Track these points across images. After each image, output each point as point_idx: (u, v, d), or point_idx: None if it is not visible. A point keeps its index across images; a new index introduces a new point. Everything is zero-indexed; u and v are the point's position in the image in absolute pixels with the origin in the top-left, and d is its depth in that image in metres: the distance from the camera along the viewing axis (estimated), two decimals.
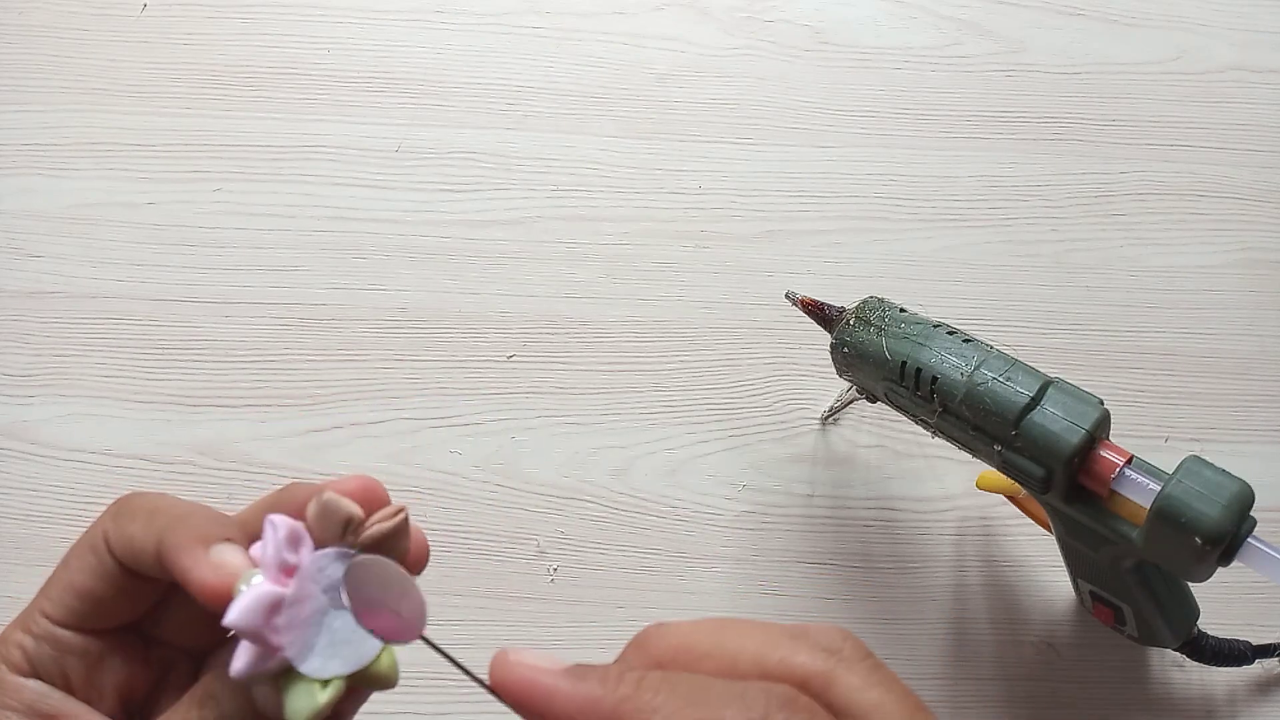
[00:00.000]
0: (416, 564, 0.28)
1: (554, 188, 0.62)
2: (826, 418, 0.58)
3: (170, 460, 0.56)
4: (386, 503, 0.27)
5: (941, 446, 0.56)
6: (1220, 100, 0.66)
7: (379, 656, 0.26)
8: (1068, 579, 0.51)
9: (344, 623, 0.26)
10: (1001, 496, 0.52)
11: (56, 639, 0.28)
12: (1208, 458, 0.42)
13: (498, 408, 0.57)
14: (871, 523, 0.56)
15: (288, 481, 0.56)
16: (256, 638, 0.25)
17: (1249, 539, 0.41)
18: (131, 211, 0.60)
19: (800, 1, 0.66)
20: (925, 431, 0.49)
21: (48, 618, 0.28)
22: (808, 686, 0.23)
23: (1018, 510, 0.52)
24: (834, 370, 0.52)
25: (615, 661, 0.25)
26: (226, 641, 0.27)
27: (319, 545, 0.26)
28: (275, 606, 0.25)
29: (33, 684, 0.27)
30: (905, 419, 0.50)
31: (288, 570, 0.26)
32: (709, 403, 0.58)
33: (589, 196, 0.62)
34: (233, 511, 0.29)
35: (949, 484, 0.57)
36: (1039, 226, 0.63)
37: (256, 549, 0.26)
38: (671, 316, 0.60)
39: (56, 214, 0.60)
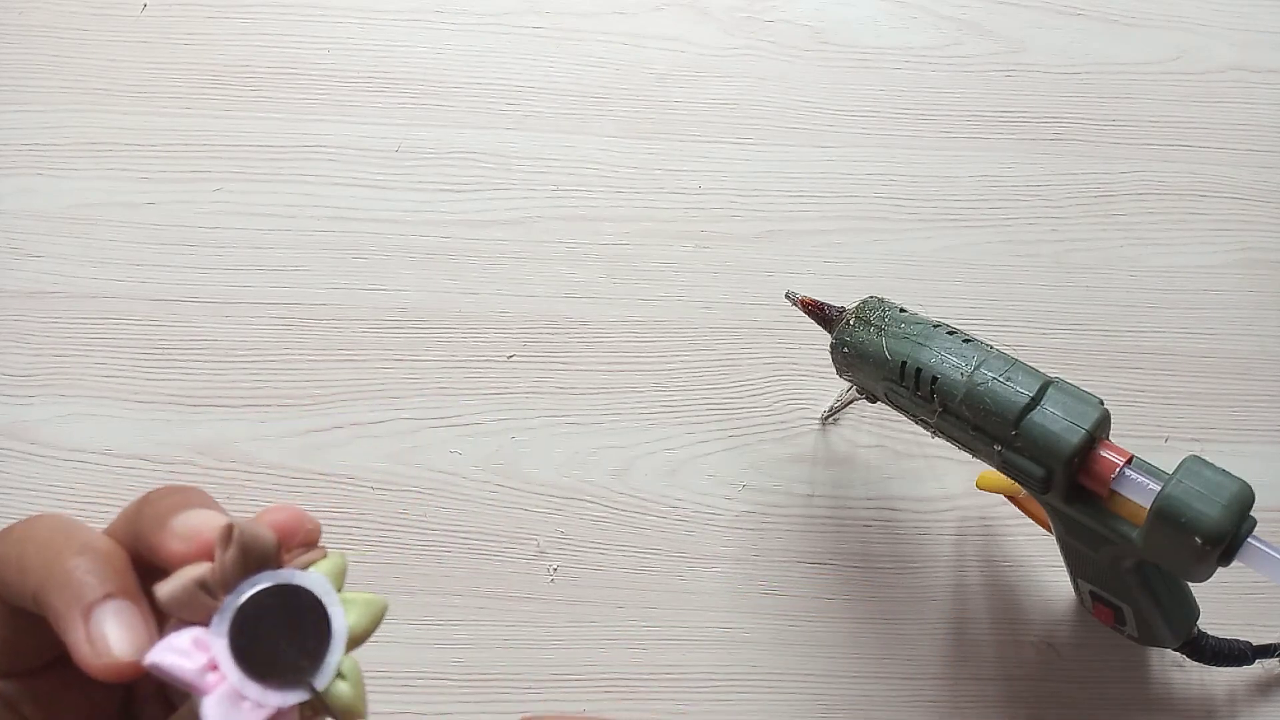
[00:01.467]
0: (288, 538, 0.24)
1: (554, 188, 0.62)
2: (826, 418, 0.58)
3: (170, 460, 0.56)
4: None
5: (941, 446, 0.56)
6: (1220, 100, 0.66)
7: (333, 684, 0.23)
8: (1068, 579, 0.51)
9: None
10: (1001, 496, 0.52)
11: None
12: (1208, 458, 0.42)
13: (498, 408, 0.57)
14: (871, 523, 0.56)
15: (288, 481, 0.57)
16: (190, 686, 0.22)
17: (1249, 539, 0.41)
18: (131, 211, 0.60)
19: (800, 1, 0.66)
20: (925, 431, 0.49)
21: None
22: None
23: (1018, 510, 0.52)
24: (834, 370, 0.52)
25: None
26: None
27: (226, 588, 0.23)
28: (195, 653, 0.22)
29: None
30: (905, 419, 0.50)
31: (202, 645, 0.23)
32: (709, 403, 0.58)
33: (589, 196, 0.62)
34: (232, 511, 0.28)
35: (949, 484, 0.57)
36: (1039, 226, 0.63)
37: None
38: (671, 316, 0.60)
39: (56, 214, 0.60)
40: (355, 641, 0.24)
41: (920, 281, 0.61)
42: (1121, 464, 0.42)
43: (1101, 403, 0.44)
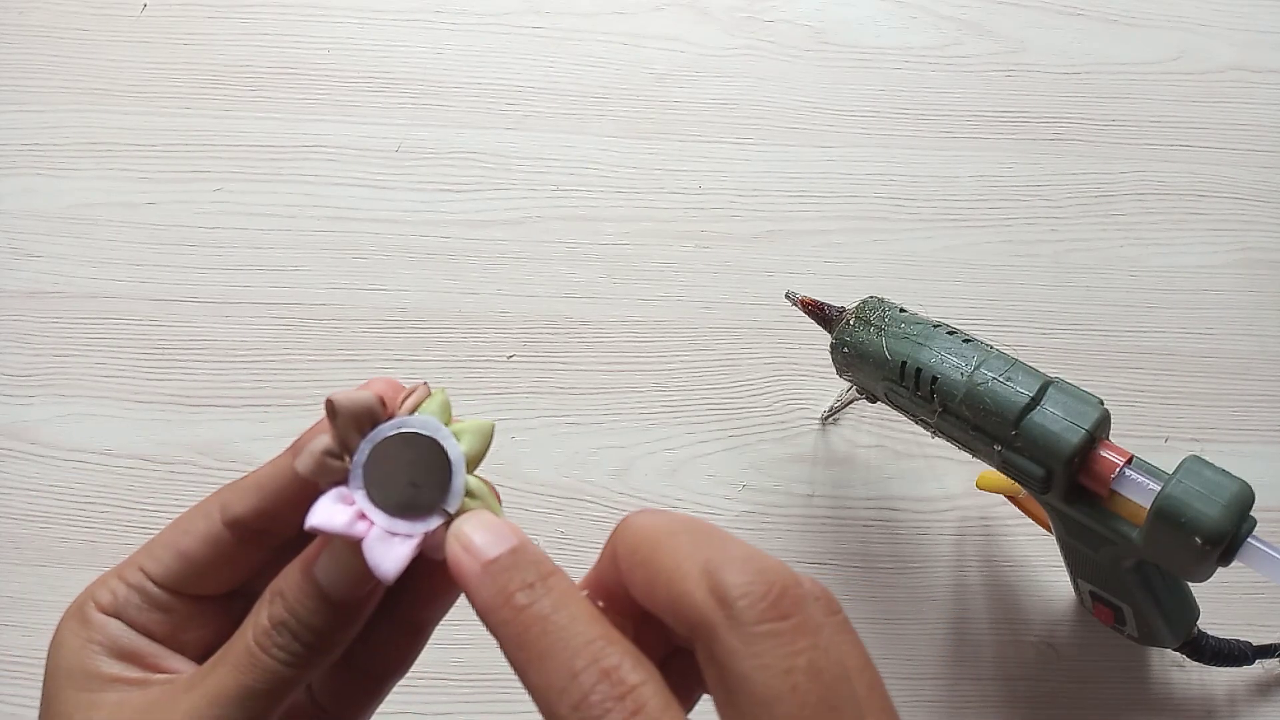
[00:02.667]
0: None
1: (554, 188, 0.62)
2: (826, 418, 0.58)
3: (170, 460, 0.56)
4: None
5: (941, 446, 0.56)
6: (1220, 100, 0.66)
7: (464, 504, 0.26)
8: (1068, 579, 0.51)
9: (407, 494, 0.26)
10: (1001, 496, 0.52)
11: (148, 593, 0.28)
12: (1208, 458, 0.42)
13: (498, 408, 0.57)
14: (871, 523, 0.56)
15: None
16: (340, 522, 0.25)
17: (1249, 539, 0.41)
18: (131, 211, 0.60)
19: (800, 1, 0.66)
20: (925, 431, 0.49)
21: (144, 572, 0.28)
22: (697, 634, 0.22)
23: (1018, 510, 0.52)
24: (834, 370, 0.52)
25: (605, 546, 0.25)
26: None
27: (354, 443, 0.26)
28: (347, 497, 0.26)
29: (116, 623, 0.27)
30: (905, 419, 0.50)
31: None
32: (709, 403, 0.58)
33: (589, 196, 0.62)
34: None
35: (949, 484, 0.57)
36: (1039, 226, 0.63)
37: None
38: (671, 316, 0.60)
39: (56, 214, 0.60)
40: (473, 463, 0.26)
41: (920, 281, 0.61)
42: (1121, 464, 0.42)
43: (1101, 403, 0.44)
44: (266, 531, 0.28)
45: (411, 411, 0.27)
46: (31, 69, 0.62)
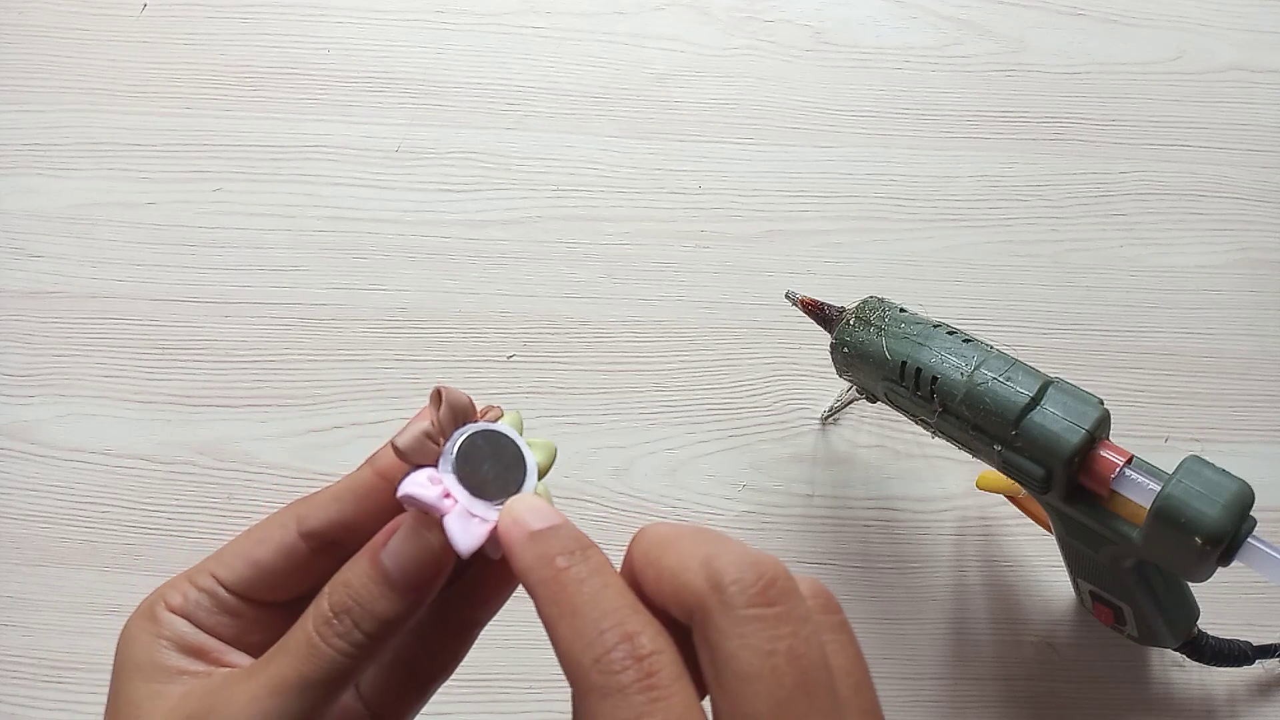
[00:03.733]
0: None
1: (554, 188, 0.62)
2: (826, 418, 0.58)
3: (170, 460, 0.56)
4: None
5: (941, 446, 0.56)
6: (1220, 100, 0.66)
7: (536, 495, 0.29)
8: (1068, 579, 0.51)
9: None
10: (1001, 496, 0.52)
11: (218, 597, 0.29)
12: (1208, 458, 0.42)
13: None
14: (871, 523, 0.56)
15: (288, 481, 0.57)
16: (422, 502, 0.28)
17: (1249, 539, 0.41)
18: (131, 211, 0.60)
19: (800, 1, 0.66)
20: (925, 431, 0.49)
21: (215, 578, 0.29)
22: (694, 618, 0.23)
23: (1018, 510, 0.52)
24: (834, 370, 0.52)
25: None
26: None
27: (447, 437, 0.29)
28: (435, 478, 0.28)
29: (183, 621, 0.29)
30: (905, 419, 0.50)
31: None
32: (709, 403, 0.58)
33: (589, 196, 0.62)
34: (232, 511, 0.30)
35: (949, 484, 0.57)
36: (1039, 226, 0.63)
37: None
38: (671, 316, 0.60)
39: (56, 214, 0.60)
40: (542, 472, 0.30)
41: (920, 281, 0.61)
42: (1121, 464, 0.42)
43: (1101, 403, 0.44)
44: (339, 543, 0.29)
45: (494, 421, 0.30)
46: (31, 69, 0.62)
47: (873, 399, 0.51)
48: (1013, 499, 0.52)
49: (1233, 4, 0.68)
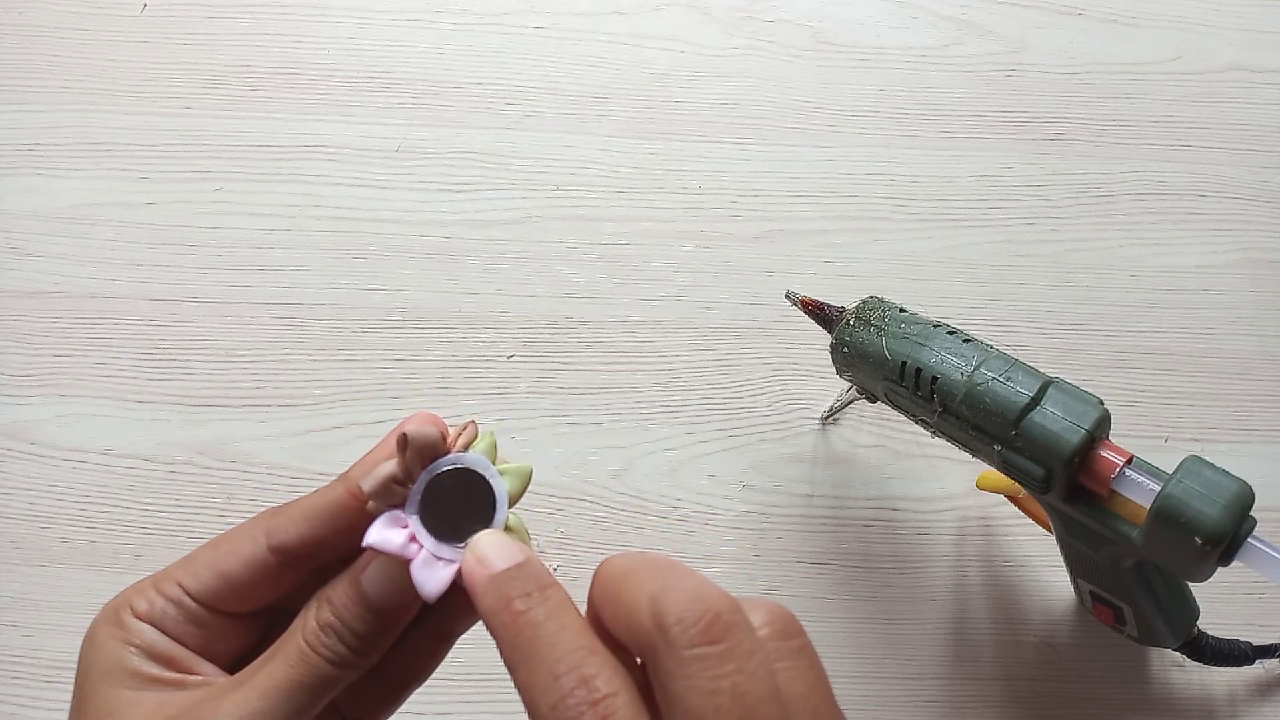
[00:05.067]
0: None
1: (554, 188, 0.62)
2: (826, 418, 0.58)
3: (170, 460, 0.56)
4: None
5: (941, 446, 0.56)
6: (1220, 100, 0.66)
7: (508, 531, 0.29)
8: (1068, 579, 0.51)
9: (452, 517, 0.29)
10: (1001, 496, 0.52)
11: (185, 607, 0.29)
12: (1208, 458, 0.42)
13: (498, 408, 0.57)
14: (871, 523, 0.56)
15: (288, 481, 0.57)
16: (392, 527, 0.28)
17: (1249, 539, 0.41)
18: (131, 211, 0.60)
19: (800, 1, 0.66)
20: (925, 431, 0.49)
21: (182, 587, 0.29)
22: (645, 656, 0.24)
23: (1018, 510, 0.52)
24: (834, 370, 0.52)
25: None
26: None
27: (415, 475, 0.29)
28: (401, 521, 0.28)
29: (151, 628, 0.29)
30: (905, 419, 0.50)
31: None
32: (709, 403, 0.58)
33: (589, 196, 0.62)
34: (232, 511, 0.30)
35: (949, 484, 0.57)
36: (1039, 226, 0.63)
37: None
38: (671, 316, 0.60)
39: (56, 214, 0.60)
40: (513, 501, 0.30)
41: (920, 281, 0.61)
42: (1121, 464, 0.42)
43: (1101, 403, 0.44)
44: (309, 557, 0.30)
45: (465, 448, 0.29)
46: (31, 69, 0.62)
47: (873, 399, 0.51)
48: (1013, 499, 0.52)
49: (1233, 4, 0.68)
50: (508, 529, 0.29)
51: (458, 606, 0.30)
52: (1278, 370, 0.61)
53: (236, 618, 0.30)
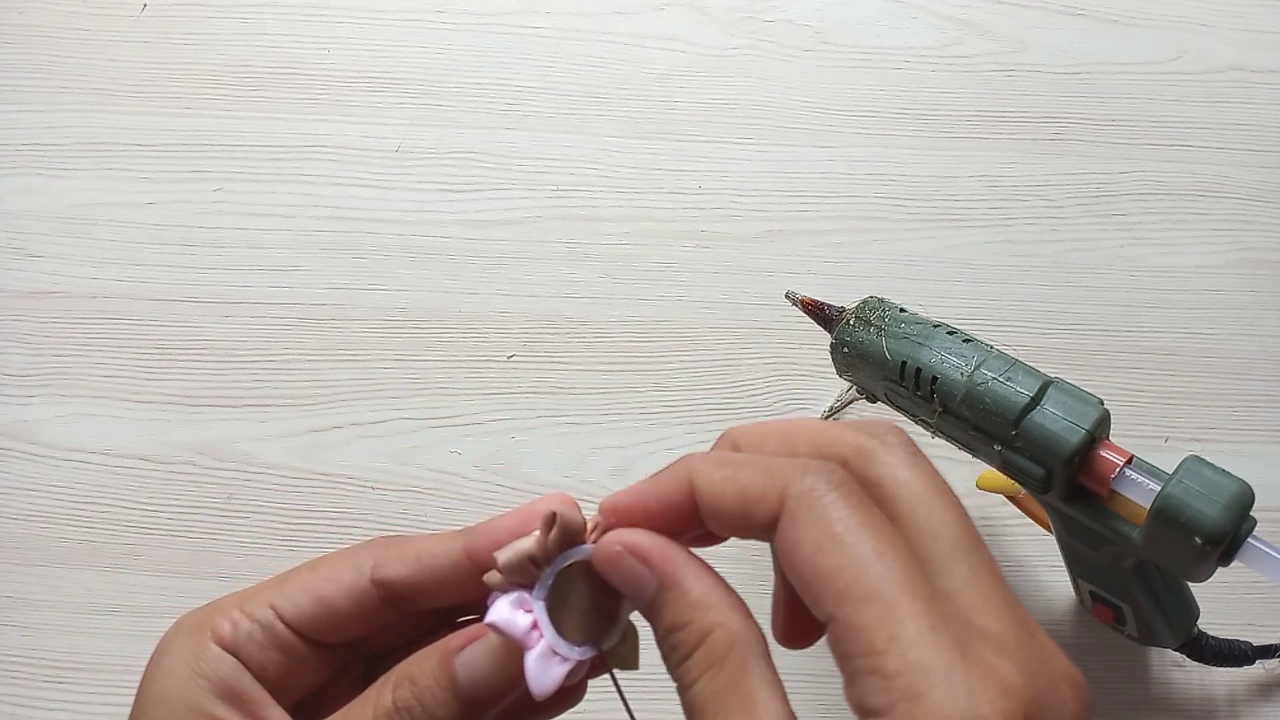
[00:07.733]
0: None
1: (554, 188, 0.62)
2: (827, 418, 0.58)
3: (170, 460, 0.56)
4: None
5: (941, 446, 0.56)
6: (1220, 100, 0.66)
7: (623, 639, 0.28)
8: (1068, 579, 0.51)
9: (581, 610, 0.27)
10: (1001, 496, 0.52)
11: (274, 631, 0.28)
12: (1208, 458, 0.42)
13: (498, 408, 0.57)
14: None
15: (288, 481, 0.57)
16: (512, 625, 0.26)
17: (1249, 539, 0.40)
18: (131, 211, 0.60)
19: (800, 1, 0.66)
20: (925, 431, 0.49)
21: (275, 610, 0.28)
22: (850, 462, 0.26)
23: (1018, 510, 0.52)
24: (834, 370, 0.52)
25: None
26: (412, 642, 0.29)
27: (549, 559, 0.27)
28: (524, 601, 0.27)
29: (230, 660, 0.27)
30: (905, 419, 0.50)
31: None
32: (709, 403, 0.58)
33: (589, 196, 0.62)
34: (232, 511, 0.30)
35: (949, 484, 0.57)
36: (1039, 226, 0.63)
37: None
38: (671, 316, 0.60)
39: (56, 214, 0.60)
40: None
41: (920, 281, 0.61)
42: (1121, 464, 0.42)
43: (1101, 403, 0.44)
44: (408, 599, 0.28)
45: (597, 540, 0.28)
46: (31, 69, 0.62)
47: (873, 399, 0.51)
48: (1013, 499, 0.52)
49: (1233, 4, 0.68)
50: (624, 635, 0.28)
51: (543, 705, 0.28)
52: (1278, 370, 0.61)
53: (320, 648, 0.29)
